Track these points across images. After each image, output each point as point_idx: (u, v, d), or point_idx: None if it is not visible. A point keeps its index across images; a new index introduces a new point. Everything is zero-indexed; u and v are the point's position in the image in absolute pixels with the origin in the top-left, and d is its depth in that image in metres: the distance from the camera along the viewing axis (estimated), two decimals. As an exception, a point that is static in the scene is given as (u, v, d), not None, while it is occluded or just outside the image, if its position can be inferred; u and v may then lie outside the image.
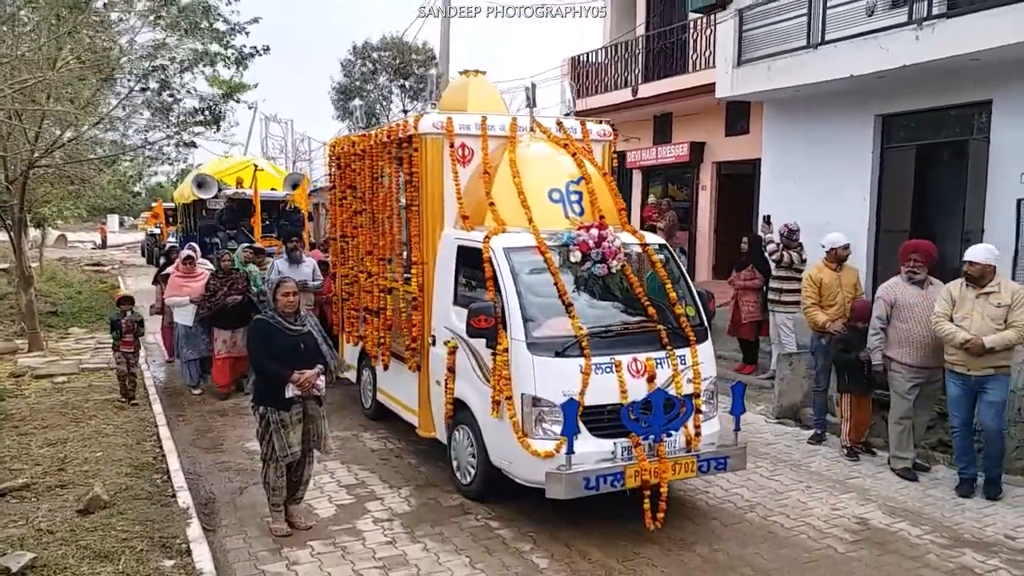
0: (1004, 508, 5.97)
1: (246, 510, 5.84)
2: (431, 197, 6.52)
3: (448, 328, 6.17)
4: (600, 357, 5.32)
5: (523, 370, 5.33)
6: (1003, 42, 7.86)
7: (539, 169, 6.33)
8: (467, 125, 6.57)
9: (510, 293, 5.51)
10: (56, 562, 4.68)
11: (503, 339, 5.42)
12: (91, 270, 26.03)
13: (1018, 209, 8.19)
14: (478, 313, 5.38)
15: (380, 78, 34.59)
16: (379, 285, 7.46)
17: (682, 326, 5.75)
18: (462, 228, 6.26)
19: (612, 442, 5.28)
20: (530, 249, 5.72)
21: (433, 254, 6.51)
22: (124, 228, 53.67)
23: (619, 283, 5.83)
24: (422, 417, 6.72)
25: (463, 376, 5.98)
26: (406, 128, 6.74)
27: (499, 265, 5.60)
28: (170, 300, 9.41)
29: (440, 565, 4.97)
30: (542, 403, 5.26)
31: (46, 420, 7.86)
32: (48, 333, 13.17)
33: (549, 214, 6.05)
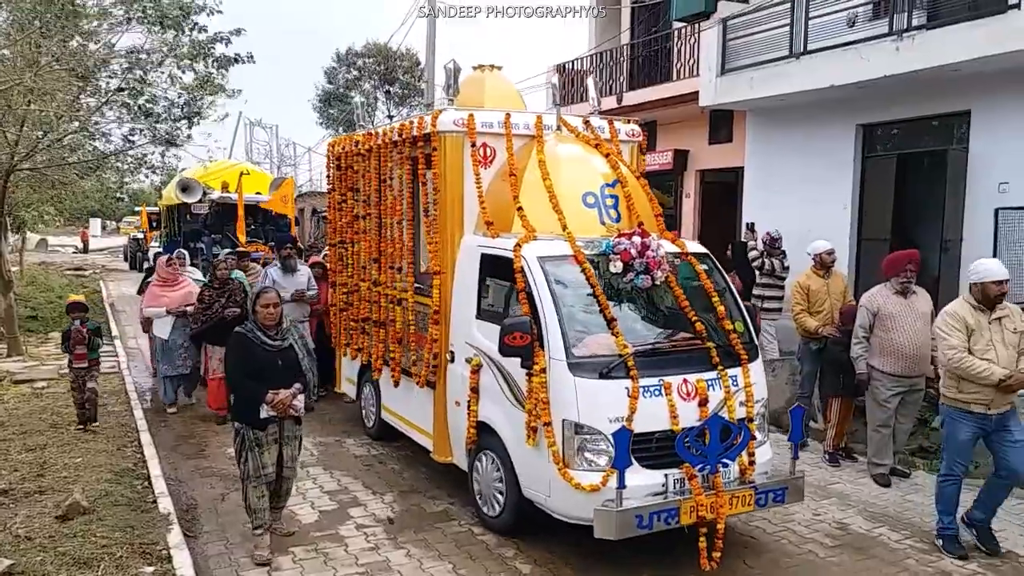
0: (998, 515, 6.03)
1: (227, 516, 5.80)
2: (450, 201, 5.97)
3: (470, 344, 5.67)
4: (648, 379, 4.81)
5: (564, 393, 4.80)
6: (981, 54, 7.98)
7: (571, 171, 5.85)
8: (489, 123, 6.03)
9: (547, 307, 4.96)
10: (34, 569, 4.64)
11: (540, 358, 4.89)
12: (72, 274, 25.77)
13: (996, 218, 8.30)
14: (512, 330, 4.82)
15: (365, 84, 34.56)
16: (387, 295, 6.90)
17: (732, 343, 5.23)
18: (485, 235, 5.73)
19: (662, 473, 4.76)
20: (566, 258, 5.19)
21: (452, 263, 5.97)
22: (106, 232, 53.20)
23: (663, 296, 5.31)
24: (437, 440, 6.18)
25: (489, 397, 5.45)
26: (422, 125, 6.19)
27: (533, 276, 5.08)
28: (147, 310, 8.69)
29: (423, 571, 4.96)
30: (585, 430, 4.73)
31: (25, 425, 7.78)
32: (28, 338, 13.05)
33: (583, 220, 5.57)
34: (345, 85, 34.89)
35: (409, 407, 6.75)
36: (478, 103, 6.57)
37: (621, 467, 4.43)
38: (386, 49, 32.75)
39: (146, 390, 9.76)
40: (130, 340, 13.40)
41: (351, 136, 7.91)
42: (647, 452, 4.76)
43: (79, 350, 7.65)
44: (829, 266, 7.58)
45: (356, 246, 7.65)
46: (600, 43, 16.65)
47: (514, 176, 5.77)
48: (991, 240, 8.30)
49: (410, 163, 6.54)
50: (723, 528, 4.70)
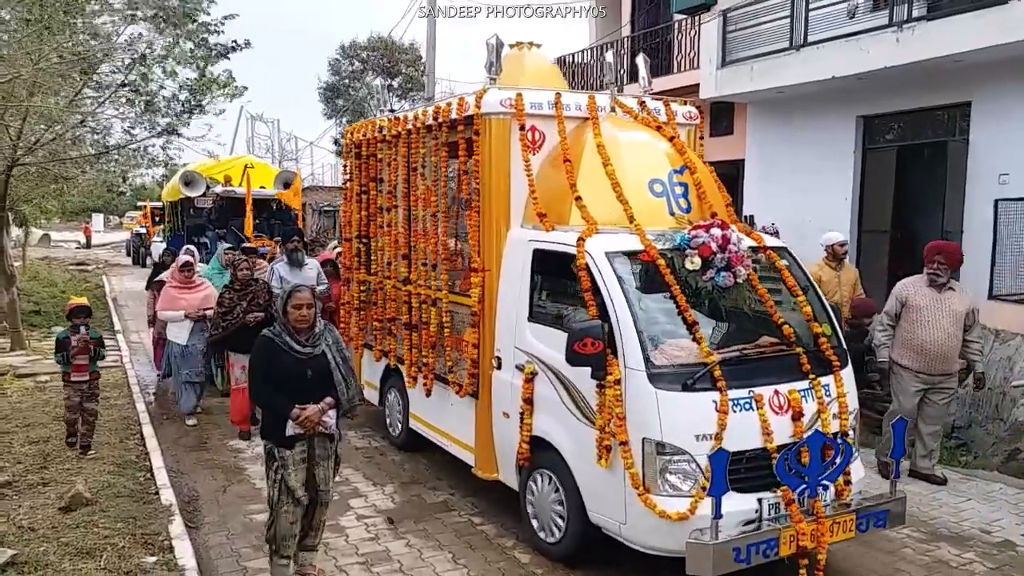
0: (979, 503, 6.06)
1: (229, 507, 5.85)
2: (495, 191, 5.40)
3: (521, 349, 5.13)
4: (737, 390, 4.28)
5: (643, 408, 4.25)
6: (981, 44, 7.97)
7: (635, 156, 5.26)
8: (539, 103, 5.45)
9: (620, 310, 4.40)
10: (37, 559, 4.68)
11: (613, 368, 4.32)
12: (75, 269, 25.84)
13: (995, 210, 8.30)
14: (583, 335, 4.24)
15: (368, 77, 34.54)
16: (419, 295, 6.30)
17: (822, 348, 4.72)
18: (536, 228, 5.21)
19: (755, 498, 4.25)
20: (636, 254, 4.65)
21: (497, 259, 5.43)
22: (109, 227, 53.29)
23: (745, 296, 4.78)
24: (480, 455, 5.64)
25: (547, 410, 4.89)
26: (463, 107, 5.60)
27: (601, 274, 4.54)
28: (163, 314, 8.10)
29: (423, 561, 5.00)
30: (668, 450, 4.19)
31: (28, 418, 7.83)
32: (31, 332, 13.09)
33: (650, 210, 4.99)
34: (350, 76, 34.85)
35: (445, 417, 6.19)
36: (516, 83, 5.88)
37: (717, 494, 3.87)
38: (390, 42, 32.71)
39: (148, 384, 9.80)
40: (132, 335, 13.44)
41: (373, 121, 7.31)
42: (738, 474, 4.21)
43: (80, 361, 6.67)
44: (841, 258, 7.58)
45: (379, 241, 7.12)
46: (601, 37, 16.64)
47: (569, 162, 5.17)
48: (991, 231, 8.30)
49: (447, 149, 5.94)
50: (824, 559, 4.22)
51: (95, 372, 6.86)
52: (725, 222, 4.78)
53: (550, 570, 4.88)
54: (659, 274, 4.54)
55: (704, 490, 4.03)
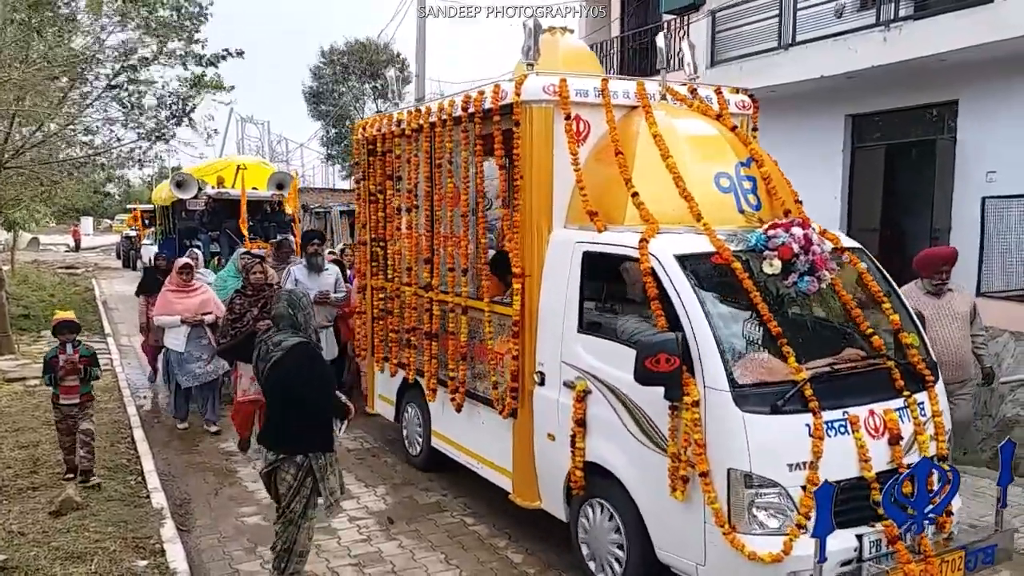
0: (968, 499, 6.09)
1: (221, 510, 5.83)
2: (536, 187, 4.90)
3: (570, 364, 4.63)
4: (830, 411, 3.80)
5: (727, 434, 3.74)
6: (967, 43, 8.02)
7: (697, 147, 4.81)
8: (584, 90, 4.94)
9: (697, 321, 3.90)
10: (28, 563, 4.67)
11: (691, 387, 3.83)
12: (64, 273, 25.71)
13: (983, 207, 8.36)
14: (657, 350, 3.73)
15: (352, 80, 34.52)
16: (446, 303, 5.81)
17: (913, 361, 4.24)
18: (586, 228, 4.70)
19: (853, 534, 3.75)
20: (707, 257, 4.14)
21: (539, 263, 4.93)
22: (98, 230, 53.03)
23: (827, 303, 4.37)
24: (519, 480, 5.15)
25: (604, 433, 4.39)
26: (499, 95, 5.10)
27: (672, 280, 4.03)
28: (159, 319, 7.77)
29: (415, 562, 5.00)
30: (757, 481, 3.69)
31: (18, 423, 7.78)
32: (20, 336, 13.02)
33: (718, 207, 4.51)
34: (333, 80, 34.83)
35: (475, 436, 5.70)
36: (552, 70, 5.34)
37: (823, 534, 3.42)
38: (369, 45, 32.73)
39: (139, 387, 9.76)
40: (123, 338, 13.39)
41: (389, 115, 6.76)
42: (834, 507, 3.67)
43: (69, 382, 6.06)
44: None
45: (397, 244, 6.65)
46: (590, 36, 16.65)
47: (622, 155, 4.68)
48: (979, 228, 8.36)
49: (480, 142, 5.45)
50: None
51: (87, 394, 6.22)
52: (805, 220, 4.32)
53: (542, 570, 4.89)
54: (735, 279, 4.02)
55: (799, 528, 3.61)
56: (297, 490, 4.19)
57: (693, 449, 3.79)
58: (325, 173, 36.63)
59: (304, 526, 4.26)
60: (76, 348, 6.12)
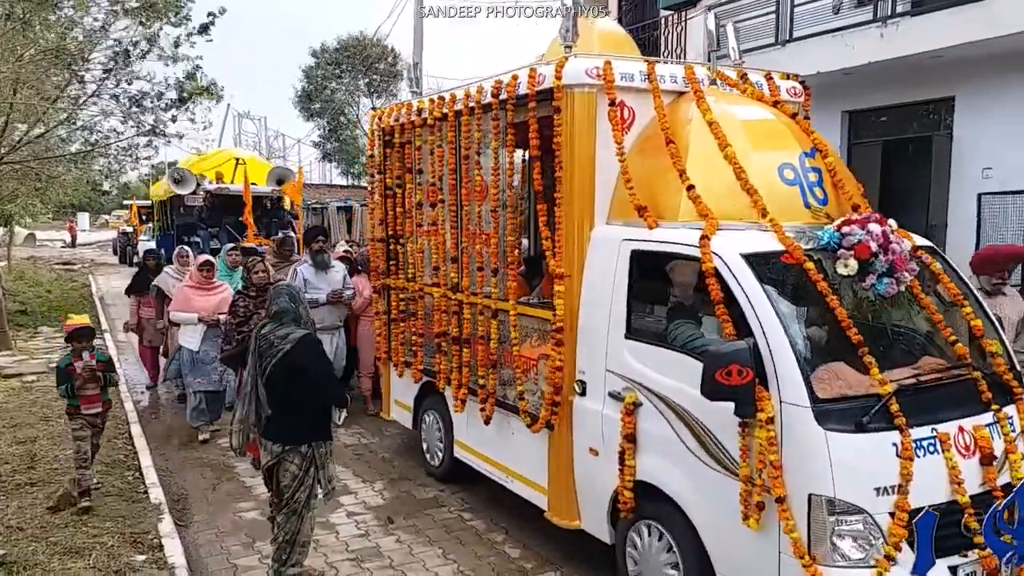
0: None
1: (218, 505, 5.85)
2: (577, 180, 4.53)
3: (616, 372, 4.28)
4: (918, 428, 3.44)
5: (808, 454, 3.37)
6: (964, 40, 8.04)
7: (757, 137, 4.41)
8: (629, 74, 4.57)
9: (771, 327, 3.51)
10: (26, 559, 4.68)
11: (766, 403, 3.44)
12: (61, 269, 25.67)
13: (979, 204, 8.38)
14: (729, 361, 3.34)
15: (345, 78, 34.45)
16: (477, 305, 5.43)
17: (998, 371, 3.87)
18: (633, 224, 4.32)
19: (945, 565, 3.41)
20: (776, 256, 3.78)
21: (580, 263, 4.58)
22: (95, 226, 52.91)
23: (904, 307, 4.02)
24: (556, 498, 4.79)
25: (657, 450, 4.03)
26: (536, 79, 4.72)
27: (740, 282, 3.66)
28: (176, 315, 7.43)
29: (413, 556, 5.02)
30: (841, 508, 3.31)
31: (15, 419, 7.78)
32: (17, 332, 13.01)
33: (783, 201, 4.11)
34: (323, 78, 34.80)
35: (504, 448, 5.35)
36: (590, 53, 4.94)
37: (924, 570, 3.19)
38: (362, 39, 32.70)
39: (136, 383, 9.76)
40: (119, 334, 13.36)
41: (408, 103, 6.36)
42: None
43: (90, 390, 5.63)
44: None
45: (418, 242, 6.26)
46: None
47: (674, 144, 4.30)
48: (974, 225, 8.39)
49: (514, 131, 5.06)
50: None
51: (107, 402, 5.87)
52: (882, 216, 3.91)
53: (540, 565, 4.91)
54: (808, 281, 3.66)
55: (888, 559, 3.28)
56: (302, 480, 4.26)
57: (768, 472, 3.41)
58: (322, 169, 36.63)
59: (307, 516, 4.34)
60: (92, 353, 5.74)
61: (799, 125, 4.61)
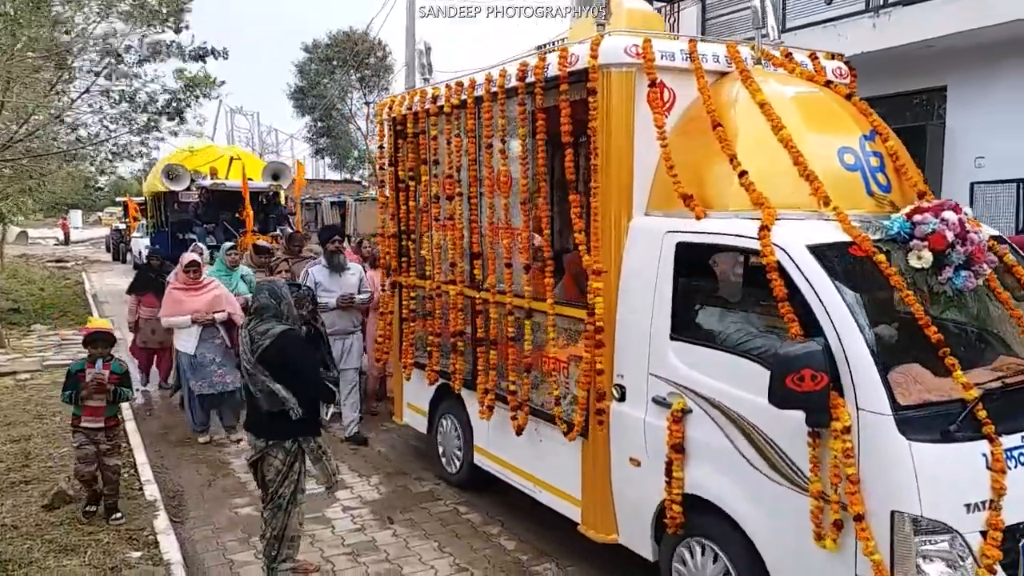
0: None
1: (214, 501, 5.84)
2: (615, 167, 4.21)
3: (662, 377, 3.96)
4: (1007, 436, 3.15)
5: (891, 467, 3.06)
6: (955, 29, 8.06)
7: (813, 119, 4.09)
8: (669, 53, 4.25)
9: (845, 327, 3.20)
10: (21, 556, 4.67)
11: (842, 411, 3.11)
12: (54, 266, 25.58)
13: (971, 192, 8.41)
14: (802, 364, 3.03)
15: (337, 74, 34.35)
16: (500, 304, 5.11)
17: None
18: (676, 215, 4.01)
19: None
20: (843, 248, 3.46)
21: (617, 258, 4.26)
22: (88, 223, 52.71)
23: (978, 303, 3.65)
24: (591, 510, 4.46)
25: (710, 461, 3.72)
26: (567, 60, 4.40)
27: (808, 277, 3.34)
28: (167, 320, 7.14)
29: (409, 550, 5.02)
30: (927, 526, 3.00)
31: (9, 417, 7.76)
32: (10, 330, 12.96)
33: (843, 189, 3.76)
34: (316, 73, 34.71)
35: (531, 456, 5.03)
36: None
37: None
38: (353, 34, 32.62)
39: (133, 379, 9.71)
40: (115, 330, 13.32)
41: (422, 90, 6.03)
42: (1012, 555, 3.11)
43: (95, 401, 5.15)
44: None
45: (434, 237, 5.91)
46: (580, 24, 16.61)
47: (721, 127, 3.97)
48: (967, 214, 8.41)
49: (543, 116, 4.71)
50: None
51: (113, 418, 5.36)
52: (957, 204, 3.60)
53: (535, 557, 4.92)
54: (879, 275, 3.37)
55: None
56: (286, 475, 4.22)
57: (845, 487, 3.09)
58: (315, 164, 36.57)
59: (294, 512, 4.30)
60: (107, 363, 5.25)
61: (857, 106, 4.26)
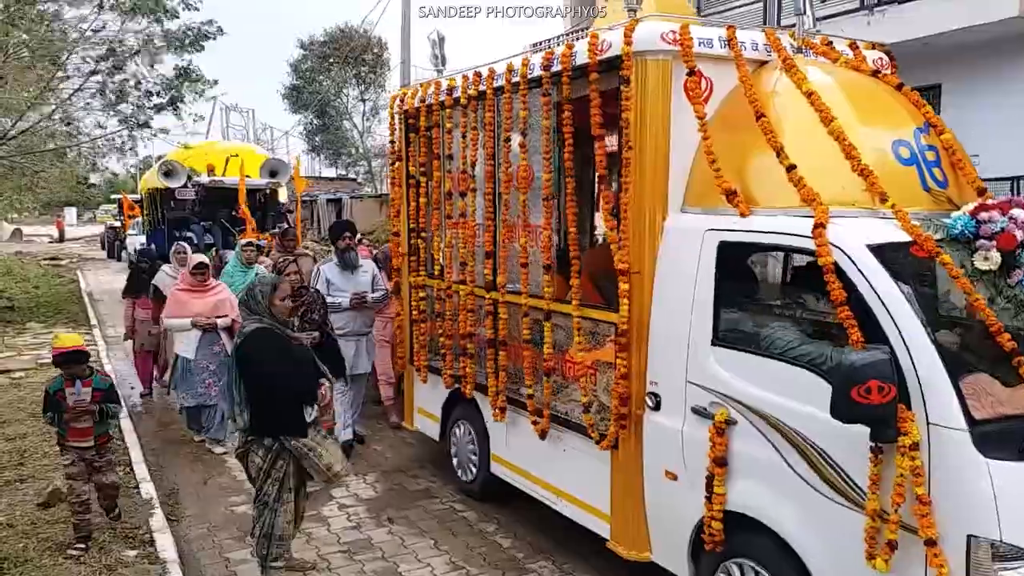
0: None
1: (210, 500, 5.85)
2: (650, 161, 3.99)
3: (703, 385, 3.73)
4: None
5: (966, 487, 2.84)
6: (949, 27, 8.09)
7: (864, 110, 3.88)
8: (707, 39, 4.02)
9: (913, 334, 2.97)
10: (17, 555, 4.67)
11: (910, 425, 2.88)
12: (48, 264, 25.50)
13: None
14: (868, 375, 2.79)
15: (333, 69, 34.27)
16: (523, 306, 4.88)
17: None
18: (716, 211, 3.78)
19: None
20: (904, 247, 3.25)
21: (651, 257, 4.03)
22: (82, 221, 52.56)
23: None
24: (621, 525, 4.23)
25: (756, 476, 3.49)
26: (597, 47, 4.17)
27: (869, 279, 3.11)
28: (168, 322, 6.86)
29: (405, 548, 5.03)
30: (1008, 552, 2.78)
31: (3, 415, 7.74)
32: (4, 329, 12.93)
33: (899, 184, 3.55)
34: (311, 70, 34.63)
35: (554, 466, 4.79)
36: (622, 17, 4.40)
37: None
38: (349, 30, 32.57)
39: (126, 377, 9.71)
40: (108, 328, 13.31)
41: (436, 81, 5.80)
42: None
43: (82, 423, 4.76)
44: None
45: (447, 235, 5.70)
46: (573, 28, 16.60)
47: (765, 118, 3.73)
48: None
49: (570, 108, 4.49)
50: None
51: (104, 435, 4.96)
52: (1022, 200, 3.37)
53: (531, 554, 4.93)
54: (942, 277, 3.21)
55: None
56: (268, 472, 4.17)
57: (915, 508, 2.86)
58: (310, 161, 36.52)
59: (281, 510, 4.22)
60: (88, 380, 4.79)
61: (908, 97, 4.07)
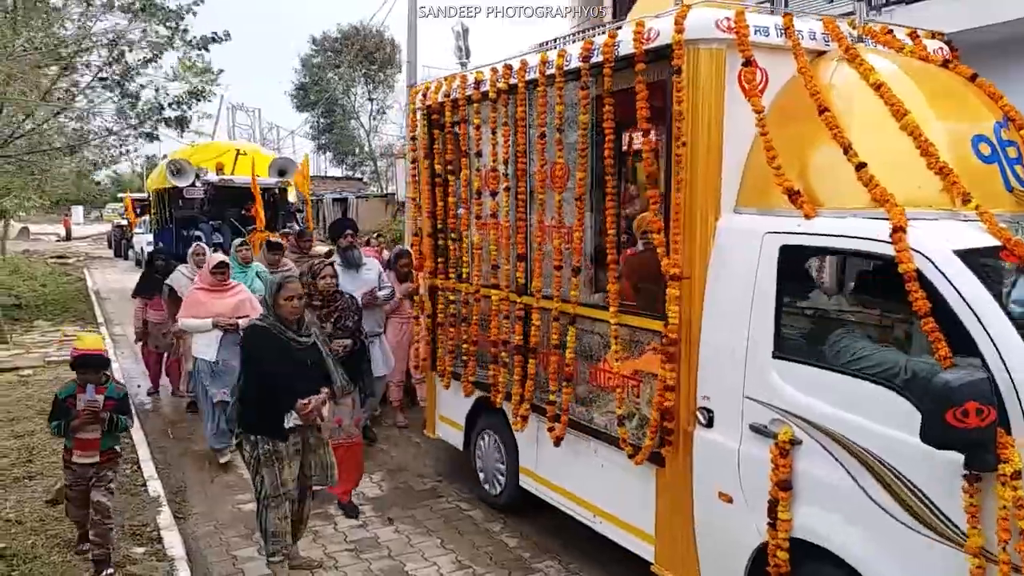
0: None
1: (217, 497, 5.87)
2: (703, 158, 3.72)
3: (762, 401, 3.46)
4: None
5: None
6: (956, 27, 8.04)
7: (938, 104, 3.56)
8: (763, 27, 3.73)
9: (1012, 349, 2.73)
10: (26, 552, 4.69)
11: (1012, 452, 2.63)
12: (56, 263, 25.60)
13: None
14: (966, 397, 2.56)
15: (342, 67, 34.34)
16: (555, 311, 4.59)
17: None
18: (775, 212, 3.51)
19: None
20: (994, 253, 3.03)
21: (702, 262, 3.77)
22: (89, 220, 52.74)
23: None
24: (668, 549, 3.98)
25: (826, 502, 3.22)
26: (644, 36, 3.87)
27: (959, 288, 2.85)
28: (185, 323, 6.55)
29: (411, 547, 5.05)
30: None
31: (12, 412, 7.78)
32: (12, 326, 12.98)
33: (980, 183, 3.28)
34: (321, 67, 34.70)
35: (592, 483, 4.53)
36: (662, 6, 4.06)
37: None
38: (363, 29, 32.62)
39: (134, 375, 9.76)
40: (115, 327, 13.37)
41: (462, 75, 5.55)
42: None
43: (88, 433, 4.38)
44: None
45: (475, 236, 5.43)
46: (580, 28, 16.60)
47: (829, 112, 3.45)
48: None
49: (611, 102, 4.16)
50: None
51: (109, 451, 4.54)
52: None
53: (537, 554, 4.94)
54: None
55: None
56: (256, 469, 4.30)
57: (1017, 544, 2.61)
58: (316, 160, 36.60)
59: (272, 506, 4.30)
60: (102, 387, 4.41)
61: (985, 89, 3.79)
